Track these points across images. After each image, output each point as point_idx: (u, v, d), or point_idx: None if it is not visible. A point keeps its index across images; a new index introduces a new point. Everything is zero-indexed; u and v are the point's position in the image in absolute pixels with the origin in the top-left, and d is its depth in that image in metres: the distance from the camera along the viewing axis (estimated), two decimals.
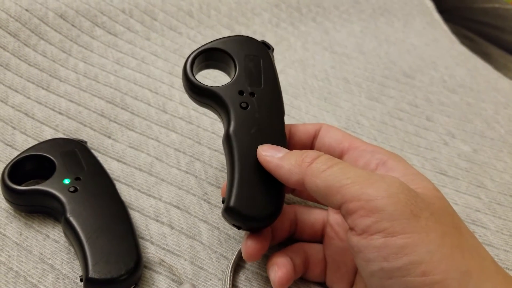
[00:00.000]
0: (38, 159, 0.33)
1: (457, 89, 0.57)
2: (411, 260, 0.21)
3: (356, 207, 0.23)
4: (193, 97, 0.31)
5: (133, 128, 0.41)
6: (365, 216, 0.22)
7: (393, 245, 0.22)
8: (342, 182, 0.24)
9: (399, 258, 0.21)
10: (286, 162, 0.26)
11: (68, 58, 0.46)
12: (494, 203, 0.40)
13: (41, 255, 0.31)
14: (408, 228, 0.22)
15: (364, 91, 0.53)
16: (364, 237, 0.22)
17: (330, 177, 0.24)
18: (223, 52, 0.31)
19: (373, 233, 0.22)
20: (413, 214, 0.22)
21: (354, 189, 0.23)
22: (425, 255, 0.21)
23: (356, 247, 0.23)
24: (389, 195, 0.23)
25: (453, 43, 0.70)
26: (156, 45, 0.52)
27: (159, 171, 0.38)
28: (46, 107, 0.41)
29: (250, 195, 0.26)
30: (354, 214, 0.23)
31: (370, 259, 0.22)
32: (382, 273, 0.22)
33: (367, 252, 0.22)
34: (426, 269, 0.21)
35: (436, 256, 0.21)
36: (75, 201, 0.31)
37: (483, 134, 0.50)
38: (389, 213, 0.22)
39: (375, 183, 0.23)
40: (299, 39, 0.61)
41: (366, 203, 0.22)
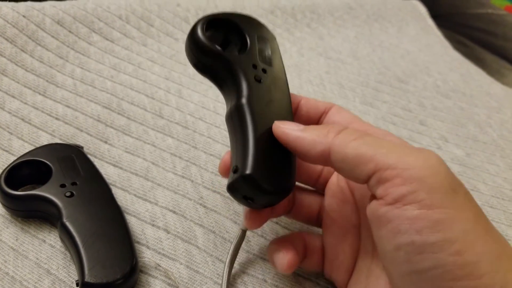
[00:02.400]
0: (35, 164, 0.33)
1: (450, 94, 0.58)
2: (446, 237, 0.20)
3: (391, 175, 0.21)
4: (203, 62, 0.28)
5: (130, 133, 0.41)
6: (401, 184, 0.21)
7: (428, 218, 0.20)
8: (376, 151, 0.22)
9: (433, 233, 0.20)
10: (308, 133, 0.24)
11: (65, 64, 0.46)
12: (487, 206, 0.41)
13: (37, 260, 0.31)
14: (446, 202, 0.21)
15: (358, 96, 0.54)
16: (397, 206, 0.21)
17: (363, 145, 0.22)
18: (235, 25, 0.29)
19: (408, 203, 0.21)
20: (451, 189, 0.21)
21: (391, 156, 0.21)
22: (460, 233, 0.20)
23: (384, 217, 0.21)
24: (429, 166, 0.21)
25: (446, 48, 0.71)
26: (152, 50, 0.52)
27: (155, 175, 0.38)
28: (43, 112, 0.41)
29: (267, 165, 0.24)
30: (388, 183, 0.21)
31: (400, 230, 0.21)
32: (411, 247, 0.21)
33: (398, 222, 0.21)
34: (461, 248, 0.20)
35: (471, 236, 0.20)
36: (71, 206, 0.31)
37: (476, 138, 0.50)
38: (428, 184, 0.21)
39: (413, 153, 0.22)
40: (294, 44, 0.62)
41: (403, 172, 0.21)
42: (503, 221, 0.39)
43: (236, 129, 0.26)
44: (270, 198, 0.25)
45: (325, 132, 0.24)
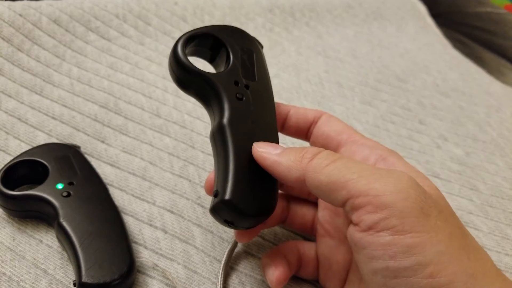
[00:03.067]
0: (32, 164, 0.33)
1: (450, 93, 0.58)
2: (419, 261, 0.20)
3: (363, 202, 0.22)
4: (183, 81, 0.28)
5: (127, 133, 0.41)
6: (372, 212, 0.21)
7: (401, 244, 0.21)
8: (347, 177, 0.22)
9: (406, 257, 0.21)
10: (284, 158, 0.25)
11: (61, 63, 0.46)
12: (486, 205, 0.41)
13: (34, 260, 0.31)
14: (418, 226, 0.21)
15: (357, 95, 0.54)
16: (370, 233, 0.21)
17: (334, 171, 0.23)
18: (218, 40, 0.29)
19: (381, 230, 0.21)
20: (423, 212, 0.21)
21: (361, 183, 0.22)
22: (433, 256, 0.21)
23: (359, 243, 0.22)
24: (399, 190, 0.21)
25: (446, 47, 0.71)
26: (150, 50, 0.52)
27: (152, 175, 0.38)
28: (39, 112, 0.41)
29: (246, 189, 0.25)
30: (361, 210, 0.22)
31: (375, 256, 0.21)
32: (387, 272, 0.21)
33: (372, 249, 0.21)
34: (433, 270, 0.20)
35: (444, 258, 0.21)
36: (68, 206, 0.31)
37: (475, 137, 0.50)
38: (398, 210, 0.21)
39: (383, 177, 0.22)
40: (293, 43, 0.61)
41: (374, 199, 0.21)
42: (502, 220, 0.39)
43: (217, 151, 0.26)
44: (250, 221, 0.26)
45: (300, 157, 0.25)
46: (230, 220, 0.25)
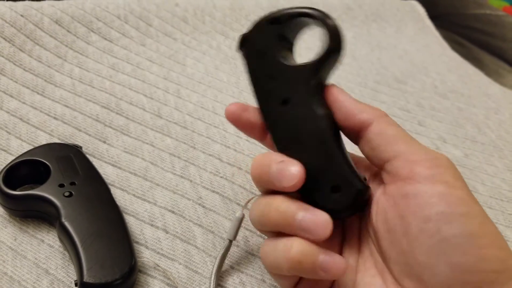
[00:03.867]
0: (33, 164, 0.33)
1: (449, 95, 0.58)
2: (470, 211, 0.23)
3: (419, 158, 0.24)
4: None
5: (128, 133, 0.41)
6: (429, 167, 0.23)
7: (456, 195, 0.23)
8: (409, 140, 0.25)
9: (460, 206, 0.23)
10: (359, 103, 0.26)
11: (63, 64, 0.46)
12: (485, 206, 0.41)
13: (36, 260, 0.31)
14: (466, 189, 0.24)
15: (356, 96, 0.53)
16: (426, 183, 0.23)
17: (399, 132, 0.25)
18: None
19: (437, 182, 0.23)
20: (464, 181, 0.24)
21: (420, 148, 0.25)
22: (480, 212, 0.23)
23: (412, 193, 0.23)
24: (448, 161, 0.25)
25: (445, 49, 0.71)
26: (151, 50, 0.52)
27: (154, 175, 0.38)
28: (41, 112, 0.41)
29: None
30: (416, 165, 0.24)
31: (430, 203, 0.23)
32: (441, 216, 0.22)
33: (427, 196, 0.23)
34: (483, 221, 0.23)
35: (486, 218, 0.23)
36: (70, 206, 0.31)
37: (474, 139, 0.50)
38: (451, 171, 0.24)
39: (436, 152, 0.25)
40: None
41: (430, 159, 0.24)
42: (502, 221, 0.39)
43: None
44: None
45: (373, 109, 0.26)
46: None
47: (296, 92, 0.27)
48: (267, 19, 0.28)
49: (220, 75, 0.52)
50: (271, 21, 0.28)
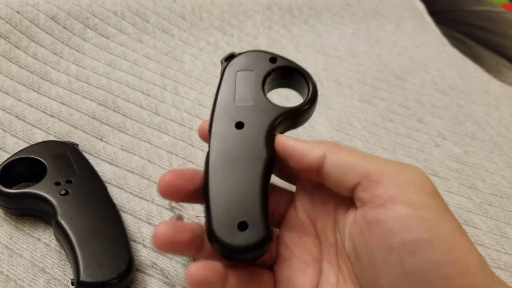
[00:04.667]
0: (29, 162, 0.33)
1: (448, 91, 0.58)
2: (436, 234, 0.21)
3: (380, 179, 0.22)
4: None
5: (125, 131, 0.41)
6: (390, 186, 0.22)
7: (418, 217, 0.21)
8: (367, 160, 0.24)
9: (424, 230, 0.21)
10: (306, 142, 0.26)
11: (59, 60, 0.46)
12: (485, 203, 0.41)
13: (32, 258, 0.30)
14: (433, 202, 0.22)
15: (356, 93, 0.53)
16: (387, 207, 0.22)
17: (355, 154, 0.24)
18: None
19: (398, 202, 0.21)
20: (435, 193, 0.22)
21: (380, 164, 0.23)
22: (449, 231, 0.21)
23: (374, 220, 0.22)
24: (413, 173, 0.23)
25: (444, 45, 0.71)
26: (148, 47, 0.51)
27: (151, 173, 0.37)
28: (37, 109, 0.40)
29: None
30: (377, 185, 0.22)
31: (392, 231, 0.21)
32: (404, 247, 0.21)
33: (388, 223, 0.21)
34: (450, 245, 0.20)
35: (458, 236, 0.21)
36: (66, 204, 0.30)
37: (474, 135, 0.50)
38: (414, 187, 0.22)
39: (399, 164, 0.24)
40: (292, 41, 0.61)
41: (391, 176, 0.22)
42: (502, 219, 0.39)
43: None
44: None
45: (320, 143, 0.26)
46: None
47: (257, 123, 0.27)
48: (266, 54, 0.29)
49: (218, 72, 0.51)
50: (270, 59, 0.29)
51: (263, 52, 0.29)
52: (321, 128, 0.46)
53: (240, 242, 0.24)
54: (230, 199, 0.25)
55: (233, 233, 0.24)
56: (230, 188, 0.26)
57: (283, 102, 0.29)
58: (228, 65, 0.29)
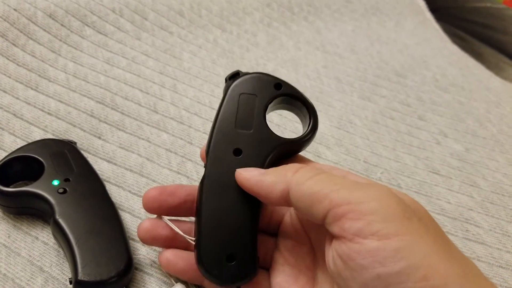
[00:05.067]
0: (27, 160, 0.33)
1: (449, 88, 0.57)
2: (409, 264, 0.20)
3: (345, 210, 0.22)
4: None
5: (124, 129, 0.40)
6: (356, 219, 0.21)
7: (389, 248, 0.20)
8: (329, 188, 0.23)
9: (396, 262, 0.20)
10: (268, 176, 0.25)
11: (57, 58, 0.45)
12: (487, 202, 0.40)
13: (30, 257, 0.30)
14: (402, 229, 0.21)
15: (356, 91, 0.53)
16: (356, 241, 0.21)
17: (317, 183, 0.23)
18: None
19: (366, 236, 0.21)
20: (405, 217, 0.21)
21: (343, 193, 0.22)
22: (423, 258, 0.20)
23: (345, 255, 0.21)
24: (380, 197, 0.22)
25: (445, 42, 0.70)
26: (146, 44, 0.51)
27: (150, 171, 0.37)
28: (35, 107, 0.40)
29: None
30: (343, 219, 0.22)
31: (364, 266, 0.21)
32: (378, 281, 0.20)
33: (360, 258, 0.21)
34: (426, 273, 0.20)
35: (433, 259, 0.20)
36: (64, 203, 0.30)
37: (475, 133, 0.50)
38: (381, 215, 0.21)
39: (364, 187, 0.23)
40: (291, 38, 0.61)
41: (356, 206, 0.21)
42: (503, 217, 0.39)
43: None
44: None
45: (284, 172, 0.25)
46: None
47: (255, 152, 0.27)
48: (271, 79, 0.29)
49: (217, 69, 0.51)
50: (275, 85, 0.28)
51: (269, 77, 0.29)
52: (321, 126, 0.46)
53: (226, 274, 0.25)
54: (221, 229, 0.26)
55: (221, 265, 0.25)
56: (222, 218, 0.26)
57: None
58: (232, 85, 0.28)
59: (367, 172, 0.41)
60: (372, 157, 0.43)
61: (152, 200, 0.28)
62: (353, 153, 0.43)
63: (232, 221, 0.26)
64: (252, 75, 0.29)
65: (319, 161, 0.42)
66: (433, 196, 0.40)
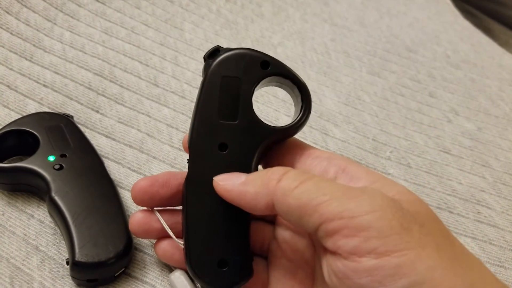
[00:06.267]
0: (21, 134, 0.32)
1: (461, 65, 0.55)
2: (411, 281, 0.18)
3: (338, 226, 0.20)
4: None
5: (123, 102, 0.39)
6: (350, 236, 0.19)
7: (388, 266, 0.19)
8: (318, 199, 0.21)
9: (397, 280, 0.18)
10: (250, 186, 0.23)
11: (53, 27, 0.44)
12: (499, 183, 0.39)
13: (25, 236, 0.29)
14: (402, 244, 0.19)
15: (365, 66, 0.51)
16: (353, 260, 0.19)
17: (304, 194, 0.21)
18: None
19: (363, 254, 0.19)
20: (403, 228, 0.20)
21: (334, 206, 0.20)
22: (425, 273, 0.19)
23: (341, 273, 0.20)
24: (374, 209, 0.20)
25: (457, 17, 0.68)
26: (146, 14, 0.49)
27: (150, 148, 0.36)
28: (29, 79, 0.39)
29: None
30: (337, 235, 0.20)
31: (362, 285, 0.19)
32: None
33: (357, 278, 0.19)
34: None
35: (437, 273, 0.19)
36: (60, 180, 0.29)
37: (488, 111, 0.48)
38: (377, 229, 0.19)
39: (356, 197, 0.20)
40: (298, 10, 0.58)
41: (349, 221, 0.20)
42: None
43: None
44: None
45: (266, 180, 0.22)
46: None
47: (242, 146, 0.25)
48: (256, 56, 0.25)
49: (220, 41, 0.49)
50: (262, 63, 0.25)
51: (254, 53, 0.25)
52: (328, 102, 0.44)
53: (219, 281, 0.24)
54: (209, 234, 0.24)
55: (213, 271, 0.24)
56: (209, 221, 0.24)
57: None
58: (212, 66, 0.25)
59: (376, 150, 0.40)
60: (381, 135, 0.42)
61: (143, 193, 0.26)
62: (361, 131, 0.42)
63: (221, 224, 0.24)
64: (234, 52, 0.25)
65: (326, 139, 0.40)
66: (444, 176, 0.39)
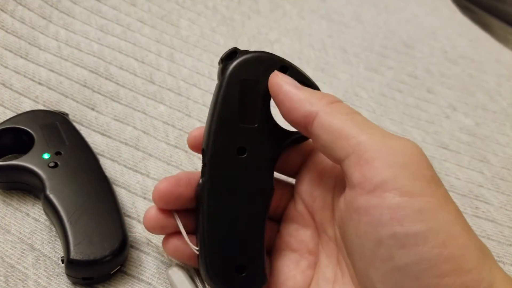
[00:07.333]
0: (16, 132, 0.32)
1: (459, 60, 0.55)
2: (429, 227, 0.18)
3: (373, 157, 0.20)
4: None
5: (118, 100, 0.39)
6: (381, 168, 0.19)
7: (410, 207, 0.19)
8: (362, 129, 0.21)
9: (416, 223, 0.19)
10: (303, 91, 0.23)
11: (48, 25, 0.44)
12: (497, 178, 0.39)
13: (20, 234, 0.29)
14: (429, 191, 0.19)
15: (362, 62, 0.51)
16: (377, 194, 0.19)
17: (350, 121, 0.21)
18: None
19: (389, 189, 0.19)
20: (433, 180, 0.20)
21: (376, 139, 0.20)
22: (445, 224, 0.19)
23: (362, 208, 0.20)
24: (412, 153, 0.20)
25: (454, 12, 0.68)
26: (142, 11, 0.49)
27: (146, 145, 0.36)
28: (24, 77, 0.39)
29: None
30: (368, 165, 0.20)
31: (381, 222, 0.19)
32: (393, 240, 0.19)
33: (378, 213, 0.19)
34: (445, 239, 0.18)
35: (456, 228, 0.19)
36: (55, 177, 0.29)
37: (485, 107, 0.48)
38: (411, 171, 0.19)
39: (399, 139, 0.21)
40: (295, 6, 0.58)
41: (386, 155, 0.20)
42: None
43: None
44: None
45: (320, 96, 0.23)
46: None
47: (261, 150, 0.25)
48: (275, 60, 0.25)
49: (216, 38, 0.49)
50: (281, 68, 0.25)
51: (272, 58, 0.25)
52: None
53: (236, 287, 0.24)
54: (229, 240, 0.24)
55: (230, 277, 0.24)
56: (229, 227, 0.24)
57: None
58: (230, 68, 0.24)
59: None
60: None
61: (169, 194, 0.25)
62: None
63: (240, 229, 0.24)
64: (253, 55, 0.25)
65: None
66: (441, 172, 0.39)
